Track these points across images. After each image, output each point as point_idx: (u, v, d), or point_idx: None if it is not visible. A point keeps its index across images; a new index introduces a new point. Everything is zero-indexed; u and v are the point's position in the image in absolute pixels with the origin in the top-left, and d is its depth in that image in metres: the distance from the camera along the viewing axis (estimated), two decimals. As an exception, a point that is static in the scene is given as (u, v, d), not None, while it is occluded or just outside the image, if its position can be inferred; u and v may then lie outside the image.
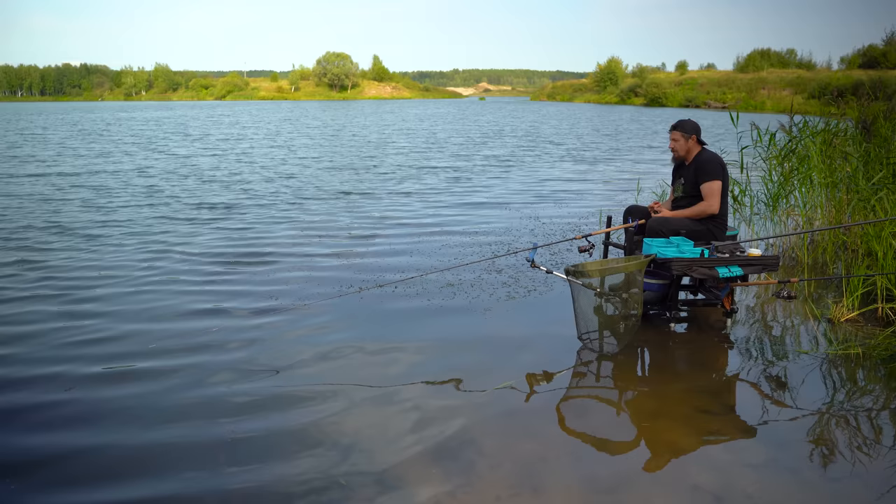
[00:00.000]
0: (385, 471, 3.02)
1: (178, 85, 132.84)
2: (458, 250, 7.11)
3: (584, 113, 50.21)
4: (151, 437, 3.31)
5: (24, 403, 3.65)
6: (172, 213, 9.34)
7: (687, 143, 5.02)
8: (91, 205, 10.09)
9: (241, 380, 3.94)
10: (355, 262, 6.62)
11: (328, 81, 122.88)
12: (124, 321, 4.90)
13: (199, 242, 7.52)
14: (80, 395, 3.75)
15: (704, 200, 4.86)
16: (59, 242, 7.48)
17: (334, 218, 9.06)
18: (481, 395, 3.77)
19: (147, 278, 6.03)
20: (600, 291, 4.31)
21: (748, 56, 72.50)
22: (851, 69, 56.39)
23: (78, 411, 3.56)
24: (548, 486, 2.91)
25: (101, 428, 3.39)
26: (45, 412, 3.55)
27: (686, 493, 2.86)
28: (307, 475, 2.99)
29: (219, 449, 3.19)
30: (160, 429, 3.38)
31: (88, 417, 3.50)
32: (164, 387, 3.85)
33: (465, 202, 10.40)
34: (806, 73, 59.82)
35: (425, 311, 5.16)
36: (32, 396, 3.72)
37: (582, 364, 4.26)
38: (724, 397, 3.86)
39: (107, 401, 3.67)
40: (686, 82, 68.74)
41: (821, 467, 3.07)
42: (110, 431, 3.35)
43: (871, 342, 4.39)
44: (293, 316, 5.05)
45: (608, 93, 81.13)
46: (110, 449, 3.20)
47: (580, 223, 8.67)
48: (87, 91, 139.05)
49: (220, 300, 5.41)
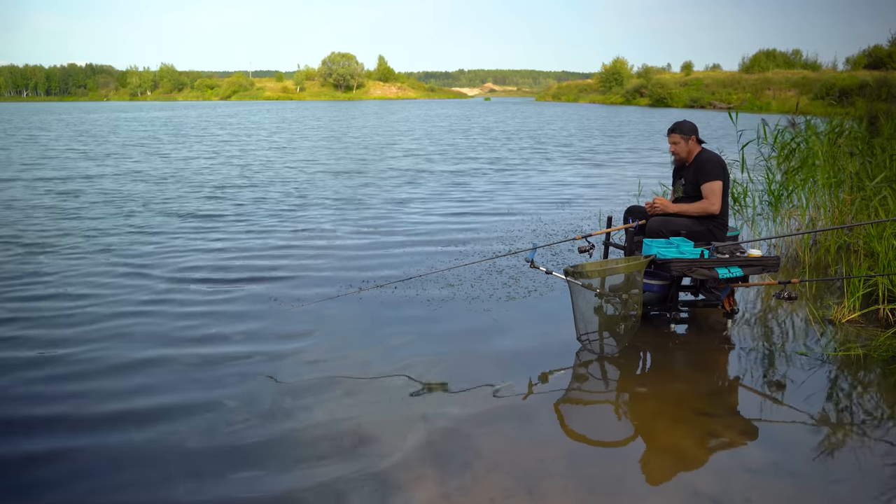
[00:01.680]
0: (380, 472, 3.00)
1: (184, 85, 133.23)
2: (459, 251, 7.08)
3: (588, 113, 50.12)
4: (147, 436, 3.30)
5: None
6: (167, 211, 9.33)
7: (687, 145, 4.99)
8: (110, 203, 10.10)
9: (235, 380, 3.92)
10: (355, 263, 6.61)
11: (333, 82, 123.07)
12: (125, 314, 4.90)
13: (195, 243, 7.51)
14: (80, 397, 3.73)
15: (705, 199, 4.83)
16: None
17: (333, 218, 9.04)
18: (479, 395, 3.74)
19: (142, 277, 6.02)
20: (600, 292, 4.28)
21: (753, 57, 72.40)
22: (857, 70, 56.11)
23: (77, 413, 3.55)
24: (544, 488, 2.88)
25: (92, 427, 3.38)
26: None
27: (685, 498, 2.83)
28: (301, 477, 2.97)
29: (214, 450, 3.18)
30: (156, 429, 3.37)
31: (86, 419, 3.49)
32: (161, 386, 3.84)
33: (466, 203, 10.37)
34: (811, 73, 59.60)
35: (425, 312, 5.14)
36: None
37: (581, 365, 4.23)
38: (725, 399, 3.83)
39: (106, 399, 3.67)
40: (691, 83, 68.57)
41: (822, 471, 3.03)
42: (98, 425, 3.35)
43: (872, 343, 4.36)
44: (291, 316, 5.03)
45: (613, 93, 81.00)
46: (100, 443, 3.19)
47: (581, 223, 8.63)
48: (93, 91, 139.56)
49: (217, 301, 5.40)
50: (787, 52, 73.96)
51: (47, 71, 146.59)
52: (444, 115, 48.16)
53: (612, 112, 53.00)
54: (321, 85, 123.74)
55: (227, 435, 3.31)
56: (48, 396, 3.70)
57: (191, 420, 3.46)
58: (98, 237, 7.74)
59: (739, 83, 62.17)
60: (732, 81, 64.21)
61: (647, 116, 44.37)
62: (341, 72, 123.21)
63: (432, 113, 53.93)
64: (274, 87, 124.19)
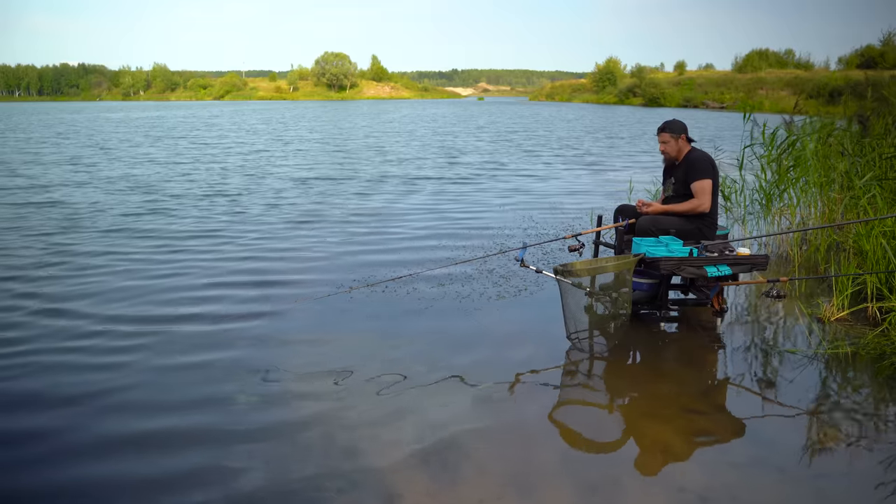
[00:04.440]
0: (369, 473, 3.00)
1: (177, 85, 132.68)
2: (449, 250, 7.08)
3: (581, 113, 50.18)
4: (145, 426, 3.32)
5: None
6: (157, 208, 9.30)
7: (677, 144, 5.01)
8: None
9: (229, 381, 3.91)
10: (345, 262, 6.60)
11: (327, 81, 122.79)
12: (115, 317, 4.89)
13: (191, 243, 7.49)
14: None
15: (695, 198, 4.84)
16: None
17: (323, 217, 9.03)
18: (469, 395, 3.74)
19: (135, 275, 6.00)
20: (590, 291, 4.29)
21: (746, 56, 72.62)
22: (849, 69, 56.37)
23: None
24: (534, 486, 2.89)
25: (90, 411, 3.37)
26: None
27: (673, 494, 2.84)
28: (293, 476, 2.97)
29: (204, 448, 3.17)
30: (151, 420, 3.36)
31: (86, 416, 3.48)
32: (158, 385, 3.83)
33: (456, 202, 10.37)
34: (804, 73, 59.83)
35: (415, 311, 5.14)
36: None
37: (571, 364, 4.23)
38: (714, 397, 3.84)
39: (105, 395, 3.66)
40: (684, 82, 68.71)
41: (808, 466, 3.05)
42: (100, 415, 3.33)
43: (860, 341, 4.38)
44: (282, 316, 5.02)
45: (607, 93, 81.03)
46: (102, 430, 3.19)
47: (571, 222, 8.64)
48: (85, 91, 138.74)
49: (209, 301, 5.38)
50: (779, 51, 74.42)
51: (39, 71, 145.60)
52: (437, 115, 48.13)
53: (605, 112, 53.07)
54: (314, 85, 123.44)
55: (217, 433, 3.31)
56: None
57: (180, 418, 3.45)
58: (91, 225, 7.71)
59: (732, 83, 62.37)
60: (725, 81, 64.42)
61: (639, 116, 44.46)
62: (335, 71, 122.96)
63: (425, 113, 53.88)
64: (267, 86, 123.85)
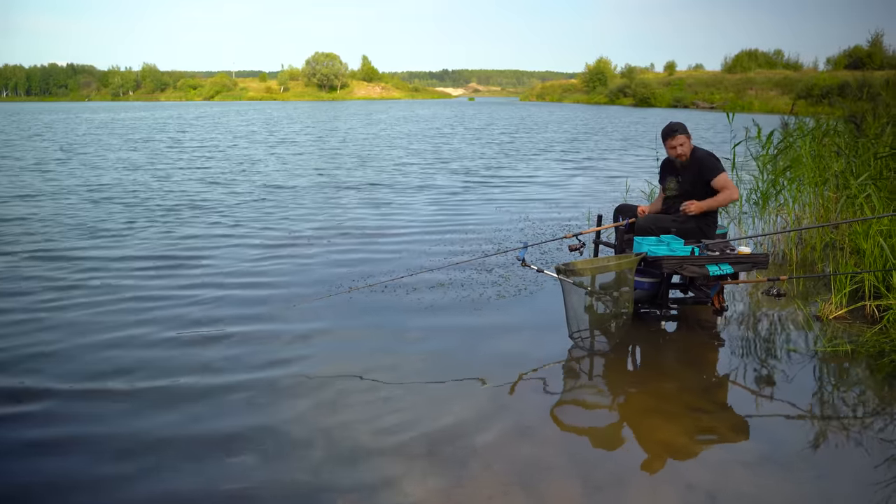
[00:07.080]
0: (376, 470, 3.00)
1: (167, 85, 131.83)
2: (449, 250, 7.09)
3: (573, 114, 50.27)
4: (145, 425, 3.30)
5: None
6: (147, 213, 9.25)
7: (690, 144, 5.06)
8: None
9: (230, 380, 3.91)
10: (345, 262, 6.59)
11: (317, 82, 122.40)
12: (116, 313, 4.87)
13: (188, 243, 7.46)
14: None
15: (724, 191, 4.88)
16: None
17: (322, 218, 9.01)
18: (472, 393, 3.75)
19: (132, 277, 5.98)
20: (591, 290, 4.31)
21: (736, 57, 72.89)
22: (837, 70, 56.79)
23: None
24: (539, 484, 2.90)
25: (84, 418, 3.36)
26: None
27: (679, 492, 2.86)
28: (298, 473, 2.97)
29: (207, 448, 3.17)
30: (151, 419, 3.35)
31: (84, 415, 3.47)
32: (157, 384, 3.82)
33: (455, 203, 10.38)
34: (793, 73, 60.20)
35: (415, 311, 5.14)
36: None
37: (573, 362, 4.25)
38: (715, 395, 3.87)
39: (103, 393, 3.64)
40: (674, 83, 68.99)
41: (812, 464, 3.08)
42: (101, 414, 3.32)
43: (859, 339, 4.42)
44: (282, 316, 5.01)
45: (597, 93, 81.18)
46: (102, 431, 3.17)
47: (571, 222, 8.67)
48: (74, 91, 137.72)
49: (209, 301, 5.37)
50: (768, 52, 74.73)
51: (27, 71, 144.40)
52: (428, 116, 48.12)
53: (597, 112, 53.20)
54: (305, 85, 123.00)
55: (215, 432, 3.31)
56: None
57: (178, 417, 3.45)
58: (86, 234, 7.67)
59: (722, 83, 62.67)
60: (715, 81, 64.72)
61: (631, 116, 44.59)
62: (325, 72, 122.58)
63: (416, 113, 53.86)
64: (258, 87, 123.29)
